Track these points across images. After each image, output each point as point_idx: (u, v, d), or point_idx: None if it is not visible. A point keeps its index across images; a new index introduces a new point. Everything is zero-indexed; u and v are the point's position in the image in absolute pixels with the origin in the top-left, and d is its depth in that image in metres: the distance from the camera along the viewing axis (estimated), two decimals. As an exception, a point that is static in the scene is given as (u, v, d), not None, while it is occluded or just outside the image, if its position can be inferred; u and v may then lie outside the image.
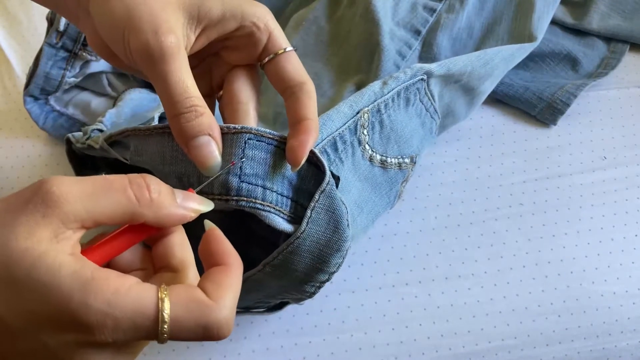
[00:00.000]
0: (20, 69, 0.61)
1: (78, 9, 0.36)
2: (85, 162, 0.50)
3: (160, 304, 0.26)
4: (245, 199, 0.35)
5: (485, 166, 0.59)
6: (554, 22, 0.67)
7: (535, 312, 0.52)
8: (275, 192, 0.36)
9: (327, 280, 0.40)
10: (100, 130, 0.49)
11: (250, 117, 0.37)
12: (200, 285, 0.28)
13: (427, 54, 0.58)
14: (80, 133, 0.49)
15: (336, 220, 0.38)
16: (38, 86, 0.54)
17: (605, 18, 0.67)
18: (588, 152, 0.61)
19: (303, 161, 0.35)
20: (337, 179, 0.39)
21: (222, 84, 0.39)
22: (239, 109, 0.37)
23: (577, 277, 0.54)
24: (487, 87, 0.57)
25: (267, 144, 0.36)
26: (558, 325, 0.52)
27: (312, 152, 0.37)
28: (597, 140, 0.61)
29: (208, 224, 0.31)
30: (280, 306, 0.48)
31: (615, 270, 0.54)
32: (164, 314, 0.26)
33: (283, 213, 0.37)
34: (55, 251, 0.26)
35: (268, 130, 0.36)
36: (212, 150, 0.34)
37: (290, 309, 0.49)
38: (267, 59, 0.37)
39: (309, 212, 0.37)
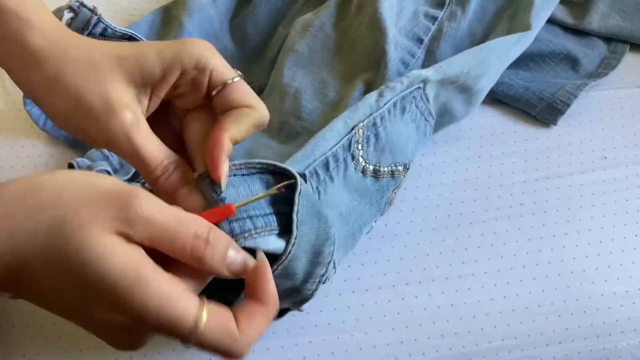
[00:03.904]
0: (20, 69, 0.61)
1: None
2: None
3: (198, 322, 0.29)
4: (241, 236, 0.35)
5: (485, 166, 0.59)
6: (554, 22, 0.67)
7: (536, 312, 0.52)
8: (260, 216, 0.36)
9: (326, 273, 0.40)
10: (108, 172, 0.49)
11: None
12: (235, 313, 0.31)
13: (430, 63, 0.58)
14: (86, 161, 0.48)
15: (317, 211, 0.38)
16: (37, 88, 0.54)
17: (605, 18, 0.67)
18: (588, 152, 0.61)
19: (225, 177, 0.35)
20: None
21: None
22: (199, 155, 0.36)
23: (577, 277, 0.54)
24: (484, 85, 0.56)
25: (234, 175, 0.35)
26: (558, 325, 0.52)
27: (273, 165, 0.37)
28: (597, 140, 0.61)
29: (262, 256, 0.33)
30: (279, 315, 0.47)
31: (615, 270, 0.54)
32: (197, 331, 0.29)
33: (273, 230, 0.36)
34: (124, 248, 0.29)
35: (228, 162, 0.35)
36: (195, 198, 0.35)
37: (290, 309, 0.49)
38: (214, 93, 0.36)
39: (295, 217, 0.36)
